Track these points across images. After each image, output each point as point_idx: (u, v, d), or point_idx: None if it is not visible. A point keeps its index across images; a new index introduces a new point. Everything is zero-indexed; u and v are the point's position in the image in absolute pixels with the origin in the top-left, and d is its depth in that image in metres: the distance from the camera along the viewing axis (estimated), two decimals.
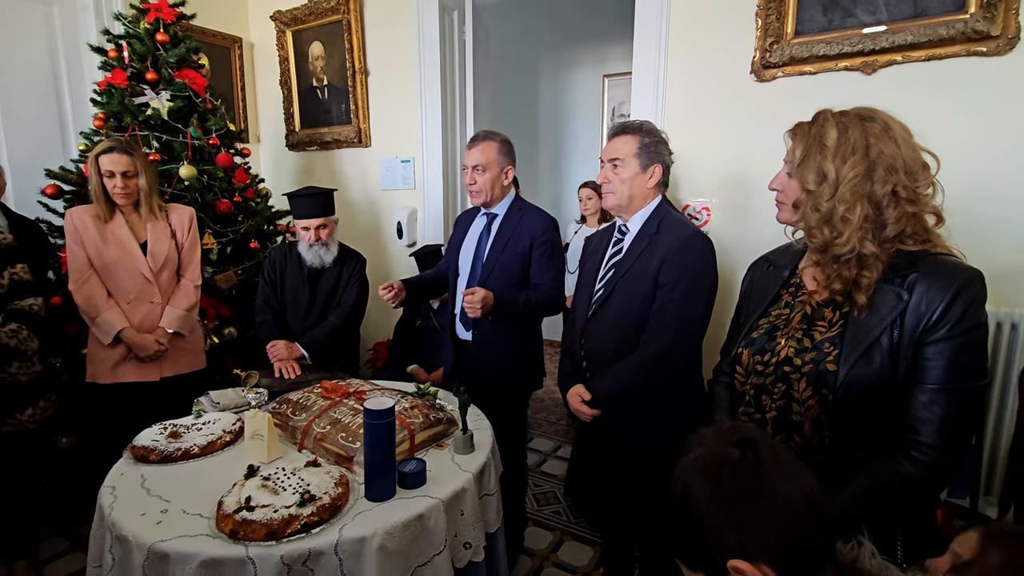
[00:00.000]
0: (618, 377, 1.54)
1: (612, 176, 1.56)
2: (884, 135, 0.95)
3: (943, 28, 1.84)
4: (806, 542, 0.66)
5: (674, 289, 1.48)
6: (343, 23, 3.24)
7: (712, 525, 0.66)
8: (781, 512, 0.65)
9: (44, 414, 1.96)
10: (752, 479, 0.66)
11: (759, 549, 0.64)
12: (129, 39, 2.59)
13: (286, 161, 3.78)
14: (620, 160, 1.55)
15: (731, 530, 0.65)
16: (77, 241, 2.04)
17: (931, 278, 0.92)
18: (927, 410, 0.91)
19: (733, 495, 0.66)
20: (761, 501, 0.66)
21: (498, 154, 1.96)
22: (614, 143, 1.58)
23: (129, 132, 2.50)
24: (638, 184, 1.55)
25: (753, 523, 0.65)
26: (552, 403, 3.79)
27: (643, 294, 1.52)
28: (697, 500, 0.67)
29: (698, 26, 2.29)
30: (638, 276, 1.53)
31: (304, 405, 1.57)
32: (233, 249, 2.73)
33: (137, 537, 1.10)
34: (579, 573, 2.12)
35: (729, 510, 0.66)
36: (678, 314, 1.48)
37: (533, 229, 1.98)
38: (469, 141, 2.00)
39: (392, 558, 1.13)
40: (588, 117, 4.94)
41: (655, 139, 1.56)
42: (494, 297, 1.82)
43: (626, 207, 1.58)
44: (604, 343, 1.59)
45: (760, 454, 0.68)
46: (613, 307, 1.57)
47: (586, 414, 1.60)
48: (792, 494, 0.66)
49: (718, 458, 0.69)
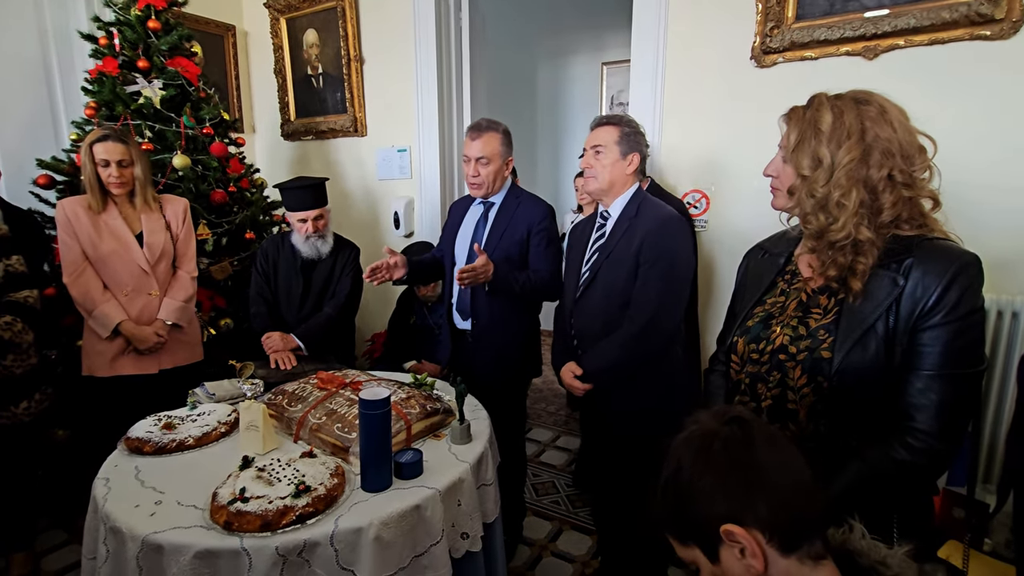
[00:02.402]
0: (605, 353, 1.63)
1: (594, 162, 1.67)
2: (880, 118, 0.93)
3: (946, 12, 1.81)
4: (797, 514, 0.67)
5: (653, 267, 1.57)
6: (337, 10, 3.19)
7: (703, 494, 0.69)
8: (772, 483, 0.67)
9: (39, 407, 1.95)
10: (744, 452, 0.69)
11: (751, 516, 0.67)
12: (120, 26, 2.55)
13: (281, 151, 3.75)
14: (602, 147, 1.65)
15: (724, 498, 0.68)
16: (70, 233, 2.01)
17: (927, 263, 0.90)
18: (923, 396, 0.90)
19: (724, 465, 0.69)
20: (752, 472, 0.68)
21: (500, 145, 1.96)
22: (596, 132, 1.69)
23: (121, 121, 2.47)
24: (618, 170, 1.66)
25: (744, 492, 0.67)
26: (551, 393, 3.79)
27: (626, 274, 1.61)
28: (689, 471, 0.70)
29: (697, 12, 2.26)
30: (620, 257, 1.63)
31: (300, 396, 1.56)
32: (228, 240, 2.71)
33: (131, 529, 1.09)
34: (577, 562, 2.13)
35: (721, 479, 0.68)
36: (658, 290, 1.57)
37: (531, 217, 1.98)
38: (469, 130, 1.97)
39: (389, 549, 1.13)
40: (586, 106, 4.89)
41: (634, 129, 1.68)
42: (493, 267, 1.83)
43: (607, 191, 1.68)
44: (592, 323, 1.69)
45: (751, 431, 0.70)
46: (599, 288, 1.67)
47: (578, 388, 1.69)
48: (783, 468, 0.69)
49: (710, 432, 0.72)
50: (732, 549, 0.68)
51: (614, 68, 4.67)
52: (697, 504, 0.69)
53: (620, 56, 4.48)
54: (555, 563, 2.13)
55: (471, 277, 1.79)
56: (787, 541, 0.67)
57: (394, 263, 1.94)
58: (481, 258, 1.80)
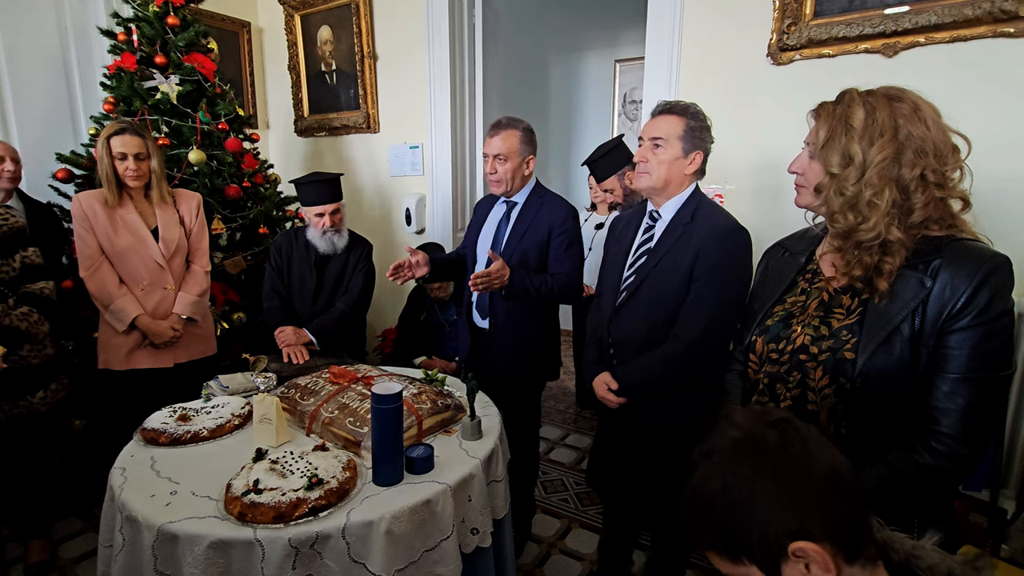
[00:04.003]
0: (645, 369, 1.51)
1: (651, 156, 1.48)
2: (913, 116, 0.91)
3: (968, 8, 1.78)
4: (858, 520, 0.63)
5: (708, 283, 1.43)
6: (351, 7, 3.20)
7: (765, 510, 0.62)
8: (833, 492, 0.63)
9: (55, 397, 1.98)
10: (804, 460, 0.63)
11: (819, 530, 0.62)
12: (138, 22, 2.58)
13: (295, 147, 3.77)
14: (663, 140, 1.47)
15: (790, 513, 0.62)
16: (87, 227, 2.03)
17: (956, 264, 0.88)
18: (949, 400, 0.88)
19: (784, 476, 0.63)
20: (815, 482, 0.63)
21: (520, 143, 1.91)
22: (657, 122, 1.49)
23: (138, 116, 2.50)
24: (676, 168, 1.48)
25: (810, 504, 0.62)
26: (560, 391, 3.78)
27: (676, 286, 1.47)
28: (743, 486, 0.64)
29: (713, 8, 2.24)
30: (672, 267, 1.48)
31: (312, 390, 1.57)
32: (242, 235, 2.73)
33: (147, 518, 1.10)
34: (586, 560, 2.12)
35: (783, 491, 0.62)
36: (710, 309, 1.43)
37: (552, 218, 1.93)
38: (491, 128, 1.94)
39: (399, 542, 1.13)
40: (599, 103, 4.87)
41: (701, 123, 1.49)
42: (509, 272, 1.78)
43: (660, 190, 1.51)
44: (633, 333, 1.55)
45: (804, 434, 0.65)
46: (644, 297, 1.53)
47: (612, 402, 1.58)
48: (835, 467, 0.64)
49: (759, 439, 0.66)
50: (797, 564, 0.62)
51: (627, 66, 4.64)
52: (757, 521, 0.63)
53: (634, 53, 4.45)
54: (564, 560, 2.13)
55: (486, 283, 1.74)
56: (852, 550, 0.63)
57: (416, 262, 1.92)
58: (496, 263, 1.74)
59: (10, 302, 1.83)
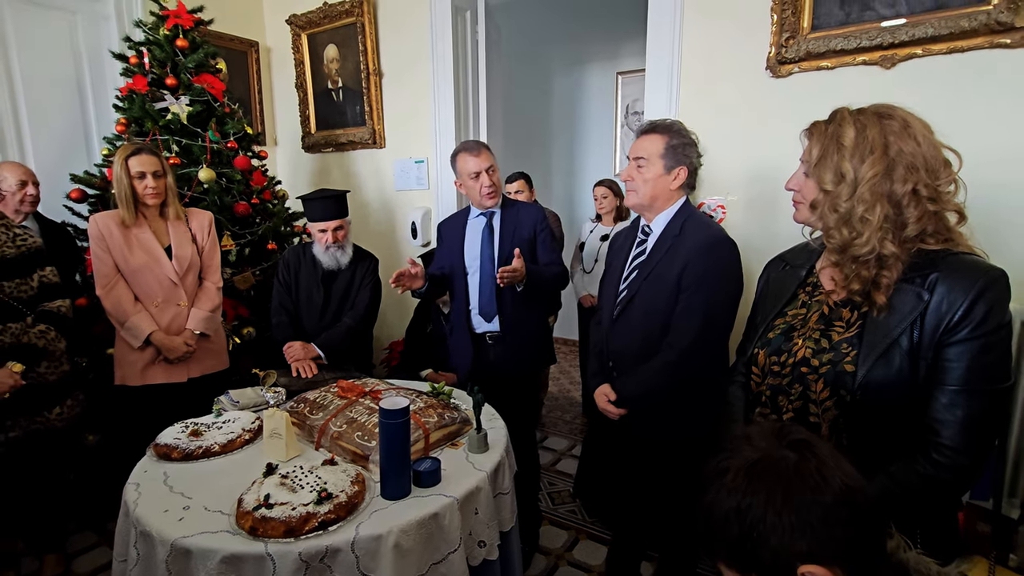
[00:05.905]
0: (642, 379, 1.56)
1: (635, 175, 1.56)
2: (903, 132, 0.93)
3: (965, 20, 1.80)
4: (870, 542, 0.64)
5: (696, 292, 1.48)
6: (357, 26, 3.27)
7: (779, 533, 0.63)
8: (843, 513, 0.63)
9: (71, 412, 2.01)
10: (821, 485, 0.64)
11: (830, 553, 0.63)
12: (149, 45, 2.65)
13: (302, 163, 3.83)
14: (644, 159, 1.54)
15: (802, 537, 0.63)
16: (103, 247, 2.08)
17: (953, 278, 0.90)
18: (948, 412, 0.89)
19: (797, 502, 0.64)
20: (824, 504, 0.63)
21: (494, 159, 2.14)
22: (641, 142, 1.56)
23: (150, 136, 2.56)
24: (661, 185, 1.54)
25: (819, 527, 0.63)
26: (567, 402, 3.79)
27: (666, 296, 1.53)
28: (756, 509, 0.65)
29: (712, 22, 2.27)
30: (661, 278, 1.54)
31: (321, 404, 1.59)
32: (251, 250, 2.77)
33: (160, 533, 1.12)
34: (594, 572, 2.12)
35: (794, 517, 0.63)
36: (699, 317, 1.48)
37: (533, 218, 2.16)
38: (468, 152, 2.09)
39: (407, 556, 1.15)
40: (601, 115, 4.91)
41: (683, 140, 1.55)
42: (525, 268, 1.95)
43: (648, 207, 1.59)
44: (629, 344, 1.60)
45: (818, 454, 0.66)
46: (637, 309, 1.58)
47: (613, 413, 1.62)
48: (848, 492, 0.64)
49: (774, 463, 0.67)
50: None
51: (629, 77, 4.68)
52: (771, 542, 0.64)
53: (636, 65, 4.50)
54: (571, 572, 2.13)
55: (511, 276, 1.89)
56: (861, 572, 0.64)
57: (415, 273, 2.00)
58: (517, 260, 1.91)
59: (28, 320, 1.87)
